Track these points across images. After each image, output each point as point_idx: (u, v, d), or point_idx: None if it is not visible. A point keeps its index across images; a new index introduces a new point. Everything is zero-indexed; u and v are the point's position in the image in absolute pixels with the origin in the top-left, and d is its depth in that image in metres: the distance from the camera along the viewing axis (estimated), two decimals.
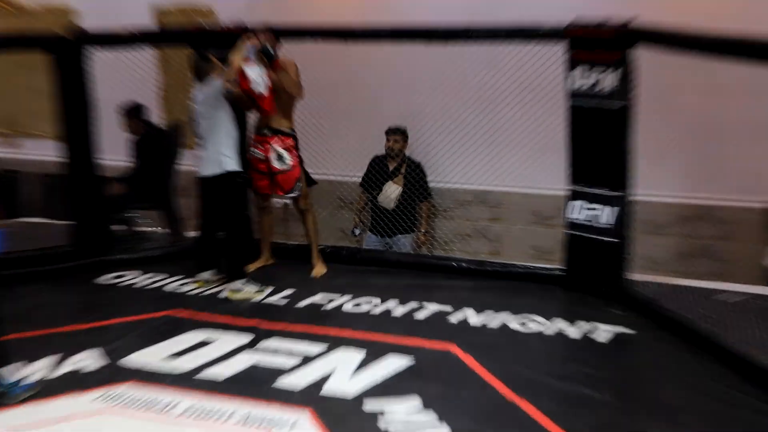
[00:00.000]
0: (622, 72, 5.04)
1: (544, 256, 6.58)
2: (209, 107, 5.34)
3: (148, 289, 5.59)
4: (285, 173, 5.73)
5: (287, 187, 5.76)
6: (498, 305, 5.25)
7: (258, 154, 5.76)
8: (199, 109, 5.39)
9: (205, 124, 5.37)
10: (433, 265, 5.99)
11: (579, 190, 5.38)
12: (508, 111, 6.13)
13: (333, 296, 5.44)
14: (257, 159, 5.77)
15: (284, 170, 5.72)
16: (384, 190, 6.60)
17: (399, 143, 6.55)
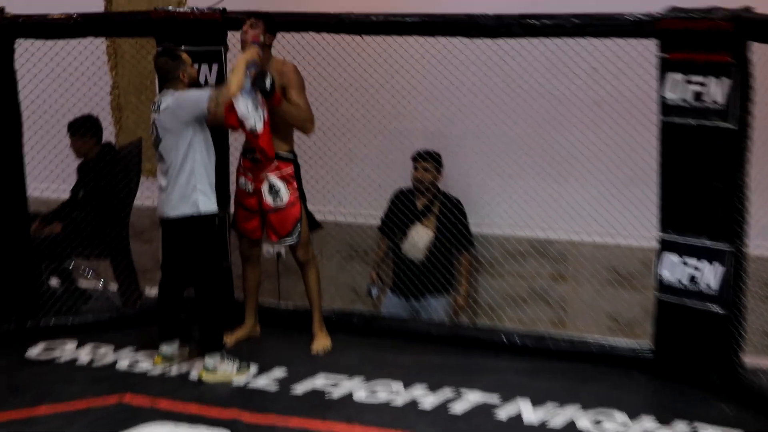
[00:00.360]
0: (733, 80, 5.02)
1: (626, 329, 6.54)
2: (177, 122, 5.33)
3: (93, 367, 5.60)
4: (281, 212, 5.73)
5: (283, 231, 5.76)
6: (563, 396, 5.21)
7: (246, 186, 5.77)
8: (163, 122, 5.38)
9: (171, 143, 5.36)
10: (475, 338, 5.97)
11: (673, 240, 5.34)
12: (578, 131, 6.11)
13: (340, 379, 5.42)
14: (245, 192, 5.78)
15: (280, 208, 5.72)
16: (410, 236, 6.58)
17: (430, 173, 6.53)
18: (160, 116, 5.39)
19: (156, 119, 5.41)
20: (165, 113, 5.37)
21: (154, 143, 5.44)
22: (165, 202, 5.42)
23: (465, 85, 6.34)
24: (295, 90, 5.66)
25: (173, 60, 5.44)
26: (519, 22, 5.49)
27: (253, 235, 5.87)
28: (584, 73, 5.88)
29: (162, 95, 5.46)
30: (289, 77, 5.66)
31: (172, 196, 5.38)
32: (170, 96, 5.41)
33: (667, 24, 5.17)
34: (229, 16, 6.03)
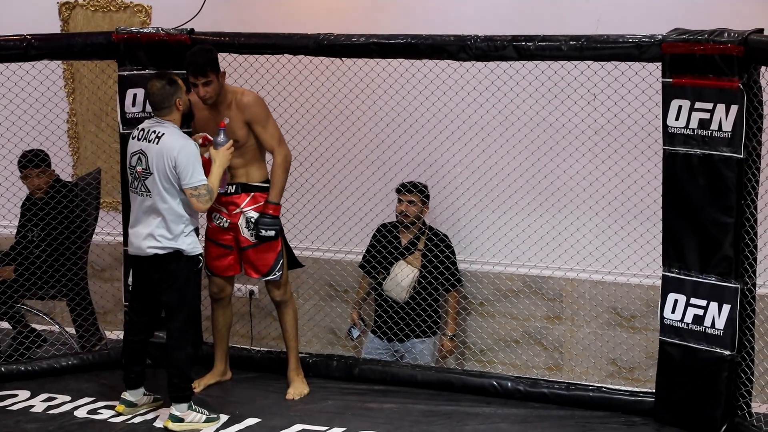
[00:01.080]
0: (741, 107, 5.03)
1: (627, 373, 6.54)
2: (170, 172, 5.32)
3: (46, 416, 5.53)
4: (260, 247, 5.72)
5: (264, 268, 5.77)
6: None
7: (221, 221, 5.77)
8: (156, 160, 5.34)
9: (162, 180, 5.33)
10: (464, 384, 5.95)
11: (676, 277, 5.34)
12: (575, 162, 6.15)
13: (317, 429, 5.38)
14: (218, 228, 5.79)
15: (259, 243, 5.70)
16: (394, 274, 6.59)
17: (416, 206, 6.54)
18: (152, 149, 5.34)
19: (146, 150, 5.36)
20: (161, 155, 5.31)
21: (140, 174, 5.39)
22: (146, 237, 5.40)
23: (454, 112, 6.36)
24: (260, 124, 5.66)
25: (171, 86, 5.39)
26: (512, 44, 5.49)
27: (227, 273, 5.85)
28: (582, 100, 5.92)
29: (154, 124, 5.41)
30: (253, 111, 5.66)
31: (156, 232, 5.36)
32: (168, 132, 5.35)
33: (671, 47, 5.17)
34: (197, 38, 6.02)
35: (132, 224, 5.50)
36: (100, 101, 7.41)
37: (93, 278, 6.97)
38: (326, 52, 5.91)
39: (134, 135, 5.47)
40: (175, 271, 5.39)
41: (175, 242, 5.37)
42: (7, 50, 5.98)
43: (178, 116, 5.43)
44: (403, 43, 5.73)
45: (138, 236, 5.44)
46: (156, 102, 5.40)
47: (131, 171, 5.44)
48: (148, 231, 5.39)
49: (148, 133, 5.39)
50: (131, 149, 5.45)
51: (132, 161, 5.43)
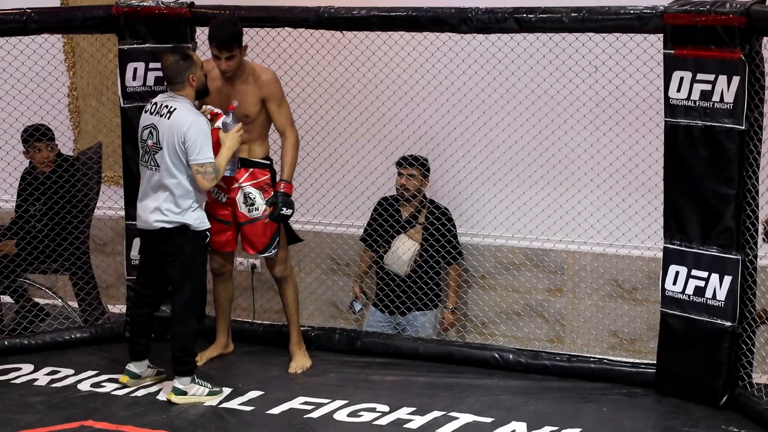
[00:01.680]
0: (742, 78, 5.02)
1: (628, 345, 6.54)
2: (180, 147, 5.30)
3: (50, 390, 5.55)
4: (257, 224, 5.72)
5: (260, 245, 5.75)
6: (560, 418, 5.20)
7: (219, 196, 5.76)
8: (168, 134, 5.31)
9: (171, 154, 5.31)
10: (466, 356, 5.96)
11: (678, 249, 5.35)
12: (576, 134, 6.14)
13: (320, 401, 5.40)
14: (217, 203, 5.77)
15: (256, 219, 5.70)
16: (394, 248, 6.58)
17: (416, 179, 6.53)
18: (164, 123, 5.32)
19: (158, 124, 5.34)
20: (171, 130, 5.29)
21: (150, 148, 5.37)
22: (154, 211, 5.38)
23: (455, 85, 6.35)
24: (276, 103, 5.64)
25: (184, 60, 5.37)
26: (513, 16, 5.48)
27: (226, 248, 5.84)
28: (584, 72, 5.90)
29: (167, 98, 5.40)
30: (271, 89, 5.64)
31: (163, 206, 5.35)
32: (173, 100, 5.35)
33: (672, 18, 5.16)
34: (197, 12, 6.01)
35: (140, 198, 5.49)
36: (100, 75, 7.40)
37: (95, 252, 6.97)
38: (327, 25, 5.90)
39: (147, 108, 5.45)
40: (181, 245, 5.39)
41: (182, 217, 5.36)
42: (7, 24, 5.96)
43: (191, 92, 5.40)
44: (404, 15, 5.71)
45: (146, 210, 5.42)
46: (169, 76, 5.39)
47: (142, 144, 5.42)
48: (155, 205, 5.38)
49: (161, 107, 5.37)
50: (143, 123, 5.43)
51: (143, 135, 5.41)
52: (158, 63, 5.96)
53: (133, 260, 6.21)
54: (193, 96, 5.42)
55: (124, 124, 6.13)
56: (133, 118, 6.05)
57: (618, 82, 5.85)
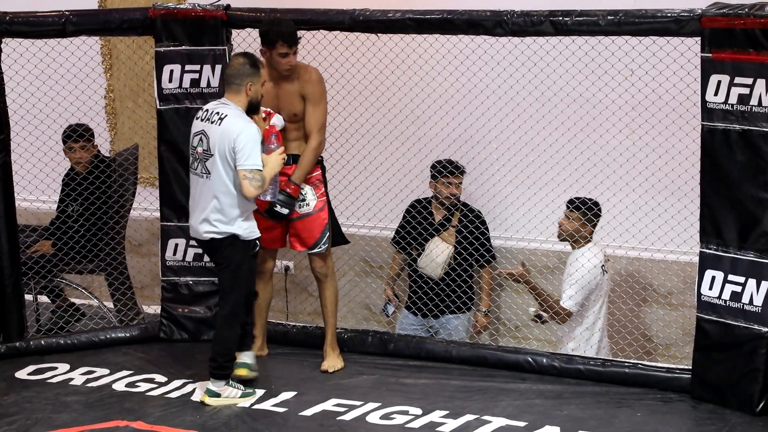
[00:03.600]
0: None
1: (664, 350, 6.53)
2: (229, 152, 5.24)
3: (85, 389, 5.59)
4: (307, 219, 5.71)
5: (310, 240, 5.75)
6: (594, 422, 5.18)
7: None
8: (219, 140, 5.25)
9: (222, 162, 5.24)
10: (499, 360, 5.94)
11: (714, 254, 5.31)
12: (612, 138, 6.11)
13: (352, 403, 5.40)
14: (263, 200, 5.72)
15: (306, 214, 5.70)
16: (428, 251, 6.56)
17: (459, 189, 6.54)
18: (215, 130, 5.26)
19: (208, 131, 5.29)
20: (223, 136, 5.23)
21: (200, 156, 5.31)
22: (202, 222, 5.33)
23: (489, 88, 6.32)
24: (313, 103, 5.63)
25: (251, 67, 5.31)
26: (549, 19, 5.45)
27: (273, 245, 5.83)
28: (620, 75, 5.86)
29: (219, 105, 5.35)
30: (313, 88, 5.63)
31: (212, 217, 5.30)
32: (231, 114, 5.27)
33: (710, 21, 5.13)
34: (233, 14, 6.01)
35: (191, 207, 5.45)
36: (137, 77, 7.43)
37: (130, 253, 7.00)
38: (362, 28, 5.89)
39: (198, 115, 5.40)
40: (230, 255, 5.34)
41: (231, 227, 5.30)
42: (46, 26, 6.00)
43: (244, 100, 5.32)
44: (439, 18, 5.69)
45: (196, 220, 5.39)
46: (229, 76, 5.35)
47: (192, 151, 5.37)
48: (204, 215, 5.33)
49: (212, 114, 5.32)
50: (194, 129, 5.38)
51: (194, 141, 5.36)
52: (194, 65, 6.01)
53: (168, 261, 6.22)
54: (245, 105, 5.33)
55: (160, 125, 6.14)
56: (169, 120, 6.08)
57: (654, 85, 5.82)
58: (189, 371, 5.68)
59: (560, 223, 6.21)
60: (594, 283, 6.09)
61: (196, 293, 6.22)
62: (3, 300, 6.06)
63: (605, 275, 6.18)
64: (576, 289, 6.08)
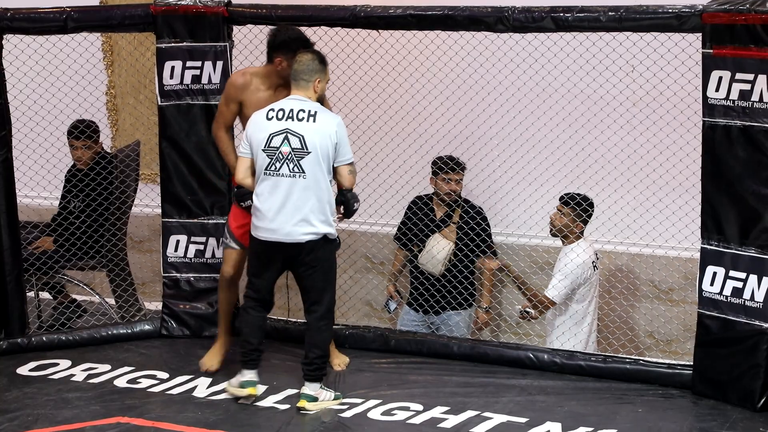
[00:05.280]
0: None
1: (665, 346, 6.52)
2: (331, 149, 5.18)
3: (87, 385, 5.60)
4: None
5: None
6: (596, 419, 5.17)
7: None
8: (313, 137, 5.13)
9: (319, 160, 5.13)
10: (500, 356, 5.94)
11: (715, 250, 5.31)
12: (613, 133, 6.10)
13: (353, 400, 5.40)
14: None
15: None
16: (429, 247, 6.56)
17: (459, 185, 6.52)
18: (308, 127, 5.14)
19: (299, 129, 5.13)
20: (323, 134, 5.14)
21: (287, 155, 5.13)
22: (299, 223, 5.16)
23: (491, 84, 6.32)
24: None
25: (321, 63, 5.26)
26: (550, 15, 5.46)
27: None
28: (621, 71, 5.86)
29: (299, 102, 5.20)
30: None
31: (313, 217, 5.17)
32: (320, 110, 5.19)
33: (711, 17, 5.13)
34: (235, 10, 6.01)
35: (276, 209, 5.17)
36: (138, 74, 7.42)
37: (131, 250, 7.00)
38: (363, 24, 5.90)
39: (270, 116, 5.19)
40: (323, 256, 5.25)
41: (328, 226, 5.21)
42: (47, 22, 6.00)
43: (313, 96, 5.24)
44: (440, 14, 5.70)
45: (287, 222, 5.16)
46: (299, 72, 5.23)
47: (270, 152, 5.14)
48: (301, 216, 5.16)
49: (294, 112, 5.17)
50: (269, 129, 5.16)
51: (272, 142, 5.14)
52: (195, 62, 6.00)
53: (169, 258, 6.22)
54: (314, 100, 5.24)
55: (161, 122, 6.14)
56: (170, 116, 6.08)
57: (655, 81, 5.82)
58: (190, 367, 5.68)
59: (551, 219, 6.23)
60: (582, 278, 6.10)
61: (198, 289, 6.23)
62: (5, 296, 6.06)
63: (595, 271, 6.19)
64: (561, 279, 6.12)
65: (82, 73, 6.61)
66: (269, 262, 5.32)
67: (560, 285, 6.10)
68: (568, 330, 6.15)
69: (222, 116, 5.66)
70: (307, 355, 5.32)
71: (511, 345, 6.11)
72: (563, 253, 6.18)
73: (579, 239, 6.16)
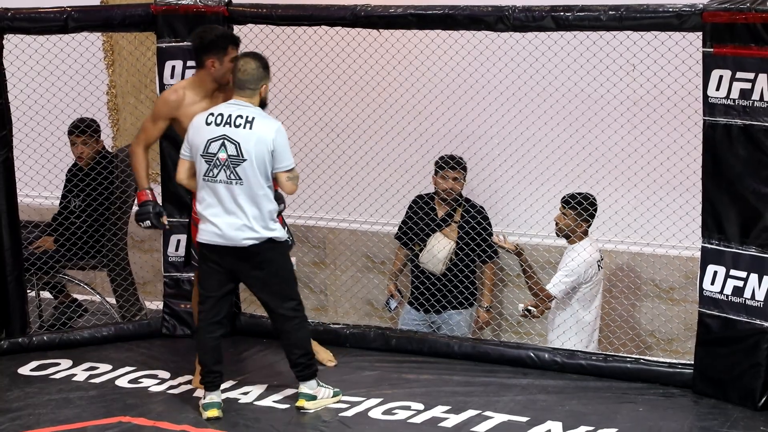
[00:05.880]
0: None
1: (666, 345, 6.51)
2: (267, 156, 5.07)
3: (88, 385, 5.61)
4: None
5: None
6: (596, 418, 5.18)
7: None
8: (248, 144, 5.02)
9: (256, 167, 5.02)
10: (501, 355, 5.95)
11: (716, 249, 5.31)
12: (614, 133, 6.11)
13: (354, 399, 5.40)
14: None
15: None
16: (430, 246, 6.56)
17: (459, 183, 6.51)
18: (244, 134, 5.03)
19: (235, 135, 5.03)
20: (259, 141, 5.03)
21: (224, 162, 5.03)
22: (241, 228, 5.07)
23: (491, 83, 6.31)
24: None
25: (265, 69, 5.14)
26: (550, 14, 5.46)
27: None
28: (621, 70, 5.86)
29: (238, 107, 5.09)
30: None
31: (253, 222, 5.07)
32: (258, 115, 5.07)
33: (712, 16, 5.12)
34: (235, 9, 6.02)
35: (216, 213, 5.10)
36: (139, 73, 7.42)
37: (132, 249, 6.99)
38: (363, 24, 5.89)
39: (209, 120, 5.09)
40: (273, 259, 5.17)
41: (271, 231, 5.12)
42: (48, 22, 6.00)
43: (257, 100, 5.14)
44: (441, 14, 5.69)
45: (230, 227, 5.08)
46: (244, 81, 5.10)
47: (208, 158, 5.06)
48: (243, 222, 5.07)
49: (234, 117, 5.06)
50: (207, 134, 5.07)
51: (210, 148, 5.06)
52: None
53: (170, 257, 6.23)
54: (258, 104, 5.15)
55: None
56: None
57: (656, 80, 5.81)
58: (192, 367, 5.66)
59: (556, 220, 6.22)
60: (586, 276, 6.10)
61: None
62: (6, 296, 6.06)
63: (600, 271, 6.19)
64: (563, 275, 6.11)
65: (83, 72, 6.62)
66: (217, 268, 5.18)
67: (562, 281, 6.10)
68: (569, 329, 6.15)
69: (145, 133, 5.52)
70: (290, 358, 5.27)
71: (512, 344, 6.12)
72: (568, 251, 6.18)
73: (583, 239, 6.16)
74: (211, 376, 5.21)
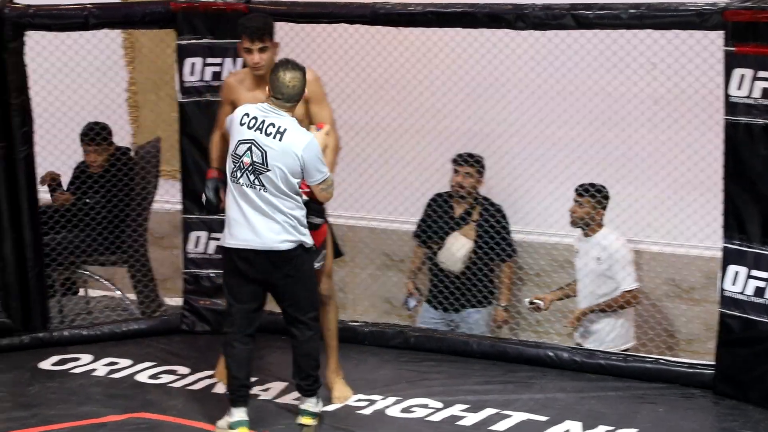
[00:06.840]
0: None
1: (686, 345, 6.49)
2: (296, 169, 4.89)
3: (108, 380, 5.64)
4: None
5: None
6: (616, 418, 5.17)
7: None
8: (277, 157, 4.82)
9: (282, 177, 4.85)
10: (519, 354, 5.94)
11: (737, 249, 5.29)
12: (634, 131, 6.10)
13: (372, 397, 5.40)
14: None
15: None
16: (448, 245, 6.54)
17: (472, 178, 6.48)
18: (273, 144, 4.82)
19: (262, 143, 4.82)
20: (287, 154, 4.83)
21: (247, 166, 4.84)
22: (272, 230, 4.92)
23: (511, 82, 6.31)
24: (318, 103, 5.22)
25: (305, 79, 4.91)
26: (570, 12, 5.43)
27: None
28: (642, 69, 5.85)
29: (273, 115, 4.86)
30: (313, 88, 5.13)
31: (286, 225, 4.92)
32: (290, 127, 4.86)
33: (733, 15, 5.11)
34: (255, 7, 6.00)
35: (246, 216, 4.93)
36: (159, 70, 7.43)
37: (152, 245, 6.99)
38: (383, 21, 5.88)
39: (243, 121, 4.88)
40: (301, 265, 5.01)
41: (302, 235, 4.98)
42: (68, 20, 6.02)
43: (293, 113, 4.94)
44: (460, 12, 5.68)
45: (262, 229, 4.91)
46: (290, 94, 4.86)
47: (235, 158, 4.89)
48: (273, 225, 4.90)
49: (265, 124, 4.85)
50: (239, 135, 4.88)
51: (238, 149, 4.87)
52: (216, 58, 6.02)
53: (189, 254, 6.24)
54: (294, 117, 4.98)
55: (181, 118, 6.15)
56: (190, 112, 6.10)
57: (677, 79, 5.79)
58: (211, 363, 5.68)
59: (572, 210, 6.15)
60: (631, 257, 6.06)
61: (218, 285, 6.22)
62: (26, 291, 6.08)
63: None
64: (627, 265, 6.04)
65: (103, 69, 6.64)
66: (245, 276, 5.01)
67: (630, 273, 6.02)
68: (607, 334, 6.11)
69: (218, 119, 5.40)
70: (304, 370, 5.10)
71: (531, 343, 6.10)
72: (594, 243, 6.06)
73: (601, 227, 6.11)
74: (243, 391, 5.05)
